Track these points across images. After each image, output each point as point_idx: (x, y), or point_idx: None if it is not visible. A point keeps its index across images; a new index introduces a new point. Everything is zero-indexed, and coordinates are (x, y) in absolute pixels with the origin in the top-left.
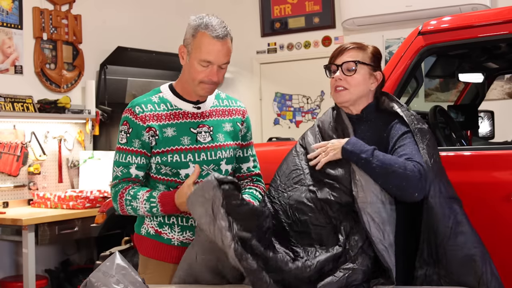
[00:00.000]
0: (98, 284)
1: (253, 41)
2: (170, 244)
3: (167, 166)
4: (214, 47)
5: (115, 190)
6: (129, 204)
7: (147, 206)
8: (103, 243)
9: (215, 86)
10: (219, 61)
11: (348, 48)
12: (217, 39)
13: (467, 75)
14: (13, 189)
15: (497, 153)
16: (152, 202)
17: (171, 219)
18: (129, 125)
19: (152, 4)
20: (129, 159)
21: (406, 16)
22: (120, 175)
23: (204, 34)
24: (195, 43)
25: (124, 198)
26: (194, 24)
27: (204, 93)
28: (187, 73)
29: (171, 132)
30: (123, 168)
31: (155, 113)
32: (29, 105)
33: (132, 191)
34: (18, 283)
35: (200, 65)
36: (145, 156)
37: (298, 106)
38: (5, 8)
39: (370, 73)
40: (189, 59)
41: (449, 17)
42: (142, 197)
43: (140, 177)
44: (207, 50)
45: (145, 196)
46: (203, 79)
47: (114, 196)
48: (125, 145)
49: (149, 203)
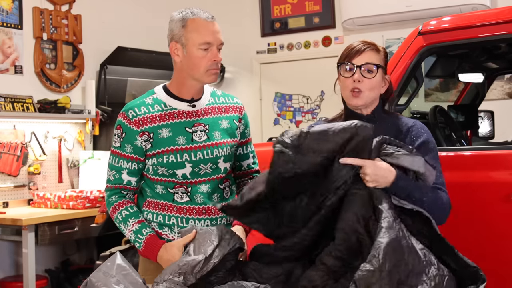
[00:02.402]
0: (98, 284)
1: (253, 41)
2: None
3: (164, 167)
4: (209, 28)
5: (108, 198)
6: (118, 223)
7: (132, 238)
8: (103, 243)
9: (219, 70)
10: (217, 40)
11: (367, 49)
12: (209, 19)
13: (467, 75)
14: (13, 189)
15: (497, 153)
16: (139, 238)
17: (171, 219)
18: (122, 130)
19: (152, 4)
20: (121, 163)
21: (406, 16)
22: (112, 180)
23: (194, 19)
24: (189, 31)
25: (115, 216)
26: (179, 16)
27: (212, 79)
28: (187, 66)
29: (166, 133)
30: (116, 172)
31: (149, 115)
32: (29, 105)
33: (124, 214)
34: (18, 283)
35: (201, 49)
36: (137, 162)
37: (298, 106)
38: (5, 8)
39: (383, 76)
40: (186, 51)
41: (449, 17)
42: (131, 227)
43: (132, 183)
44: (204, 33)
45: (134, 228)
46: (207, 65)
47: (107, 203)
48: (118, 149)
49: (135, 236)
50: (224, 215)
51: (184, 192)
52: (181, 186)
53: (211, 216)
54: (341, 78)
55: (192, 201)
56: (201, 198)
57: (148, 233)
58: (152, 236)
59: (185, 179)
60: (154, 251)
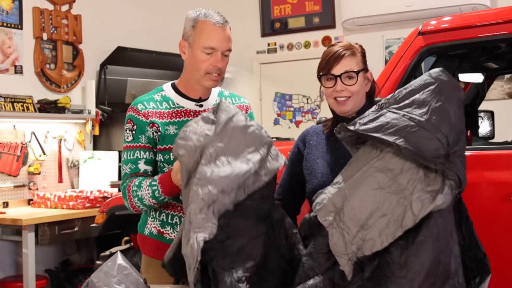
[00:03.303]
0: (99, 284)
1: (253, 41)
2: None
3: (170, 164)
4: (216, 33)
5: (123, 186)
6: (136, 195)
7: (150, 191)
8: (103, 243)
9: (220, 77)
10: (222, 46)
11: (344, 56)
12: (218, 25)
13: (467, 75)
14: (13, 189)
15: (497, 153)
16: (154, 185)
17: (174, 218)
18: (133, 123)
19: (152, 4)
20: (137, 154)
21: (406, 16)
22: (128, 172)
23: (204, 22)
24: (197, 32)
25: (131, 190)
26: (193, 16)
27: (210, 84)
28: (190, 66)
29: (173, 130)
30: (132, 164)
31: (157, 111)
32: (29, 105)
33: (137, 181)
34: (18, 283)
35: (204, 53)
36: (152, 151)
37: (298, 106)
38: (5, 8)
39: (364, 77)
40: (191, 51)
41: (449, 17)
42: (145, 184)
43: (148, 172)
44: (209, 37)
45: (147, 183)
46: (208, 68)
47: (123, 192)
48: (132, 142)
49: (151, 187)
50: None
51: None
52: None
53: None
54: (324, 88)
55: None
56: None
57: (158, 177)
58: (161, 175)
59: None
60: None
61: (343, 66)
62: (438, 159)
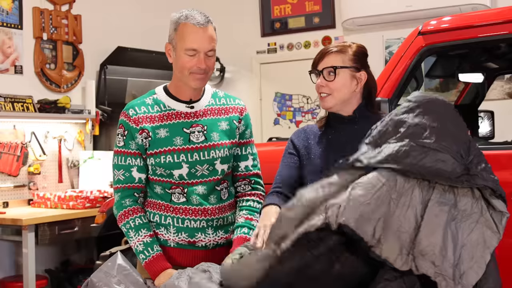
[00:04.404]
0: (99, 284)
1: (253, 41)
2: (166, 246)
3: (161, 167)
4: (197, 35)
5: (120, 199)
6: (127, 228)
7: (140, 248)
8: (103, 243)
9: (205, 76)
10: (204, 47)
11: (329, 52)
12: (199, 26)
13: (467, 75)
14: (13, 189)
15: (497, 153)
16: (147, 252)
17: (167, 219)
18: (124, 128)
19: (152, 4)
20: (129, 161)
21: (406, 16)
22: (122, 179)
23: (185, 24)
24: (178, 34)
25: (126, 221)
26: (175, 18)
27: (196, 84)
28: (176, 68)
29: (164, 133)
30: (125, 171)
31: (148, 115)
32: (29, 105)
33: (138, 222)
34: (18, 283)
35: (187, 55)
36: (141, 158)
37: (298, 106)
38: (5, 8)
39: (352, 75)
40: (175, 54)
41: (449, 17)
42: (142, 237)
43: (142, 180)
44: (190, 39)
45: (146, 240)
46: (191, 68)
47: (119, 204)
48: (123, 147)
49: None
50: (221, 216)
51: (181, 193)
52: (178, 187)
53: (207, 217)
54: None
55: (188, 201)
56: (197, 199)
57: (158, 251)
58: (160, 256)
59: (181, 179)
60: (156, 271)
61: (326, 62)
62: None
